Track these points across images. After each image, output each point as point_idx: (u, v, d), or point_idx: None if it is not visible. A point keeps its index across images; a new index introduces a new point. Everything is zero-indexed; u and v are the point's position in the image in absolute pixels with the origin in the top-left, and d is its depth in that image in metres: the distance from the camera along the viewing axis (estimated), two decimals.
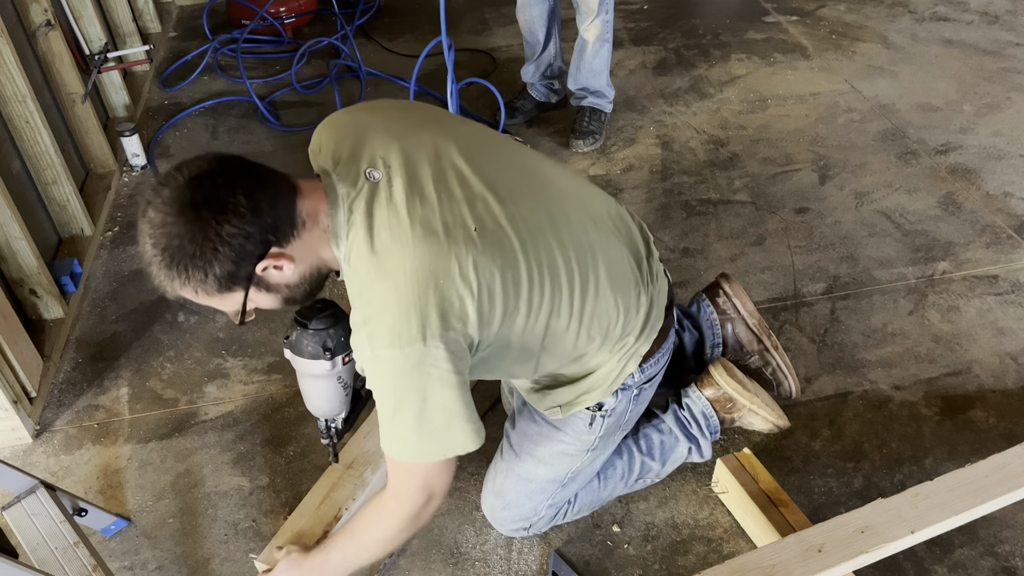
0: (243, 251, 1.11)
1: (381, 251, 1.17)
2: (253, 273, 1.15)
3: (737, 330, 1.87)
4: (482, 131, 1.42)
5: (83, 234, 2.49)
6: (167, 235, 1.08)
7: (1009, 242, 2.38)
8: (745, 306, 1.86)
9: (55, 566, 1.49)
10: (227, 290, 1.15)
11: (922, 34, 3.50)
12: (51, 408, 2.02)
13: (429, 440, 1.24)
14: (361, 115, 1.34)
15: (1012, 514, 1.68)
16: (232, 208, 1.08)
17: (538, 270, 1.27)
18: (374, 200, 1.20)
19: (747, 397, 1.73)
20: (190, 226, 1.07)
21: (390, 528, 1.35)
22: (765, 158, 2.78)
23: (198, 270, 1.10)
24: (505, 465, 1.61)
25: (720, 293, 1.87)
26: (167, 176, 1.11)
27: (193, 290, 1.13)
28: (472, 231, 1.20)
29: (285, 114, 3.14)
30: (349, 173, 1.22)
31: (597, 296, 1.35)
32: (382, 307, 1.16)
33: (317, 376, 1.44)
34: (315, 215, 1.19)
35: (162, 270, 1.11)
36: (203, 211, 1.07)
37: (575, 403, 1.48)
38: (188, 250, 1.08)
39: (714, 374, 1.74)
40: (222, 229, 1.08)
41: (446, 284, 1.16)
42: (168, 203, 1.08)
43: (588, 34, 2.69)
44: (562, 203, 1.36)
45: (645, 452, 1.70)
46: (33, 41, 2.48)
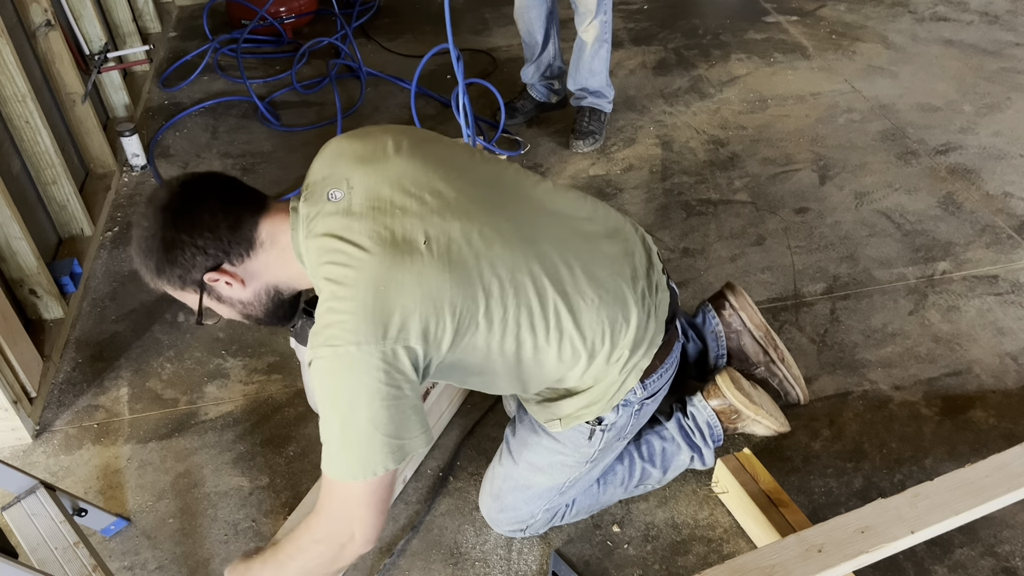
0: (194, 260, 1.26)
1: (337, 263, 1.22)
2: (203, 281, 1.29)
3: (743, 342, 1.85)
4: (459, 149, 1.42)
5: (83, 234, 2.49)
6: (144, 233, 1.27)
7: (1009, 242, 2.38)
8: (752, 319, 1.84)
9: (55, 566, 1.49)
10: (182, 288, 1.30)
11: (922, 34, 3.50)
12: (51, 408, 2.02)
13: (350, 455, 1.22)
14: (342, 144, 1.39)
15: (1012, 514, 1.68)
16: (195, 221, 1.25)
17: (499, 286, 1.25)
18: (331, 218, 1.25)
19: (752, 409, 1.71)
20: (160, 227, 1.25)
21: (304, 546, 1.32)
22: (765, 158, 2.78)
23: (160, 264, 1.27)
24: (503, 471, 1.61)
25: (726, 306, 1.85)
26: (168, 181, 1.30)
27: (163, 281, 1.30)
28: (421, 244, 1.21)
29: (285, 114, 3.14)
30: (314, 195, 1.30)
31: (577, 310, 1.32)
32: (325, 310, 1.21)
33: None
34: (274, 236, 1.29)
35: (140, 261, 1.30)
36: (176, 218, 1.25)
37: (575, 416, 1.47)
38: (153, 245, 1.26)
39: (721, 385, 1.72)
40: (178, 236, 1.25)
41: (390, 292, 1.18)
42: (150, 211, 1.27)
43: (587, 35, 2.69)
44: (536, 218, 1.35)
45: (647, 459, 1.70)
46: (33, 41, 2.48)
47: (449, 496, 1.77)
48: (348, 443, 1.22)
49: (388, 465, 1.23)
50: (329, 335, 1.19)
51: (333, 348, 1.18)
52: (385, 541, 1.70)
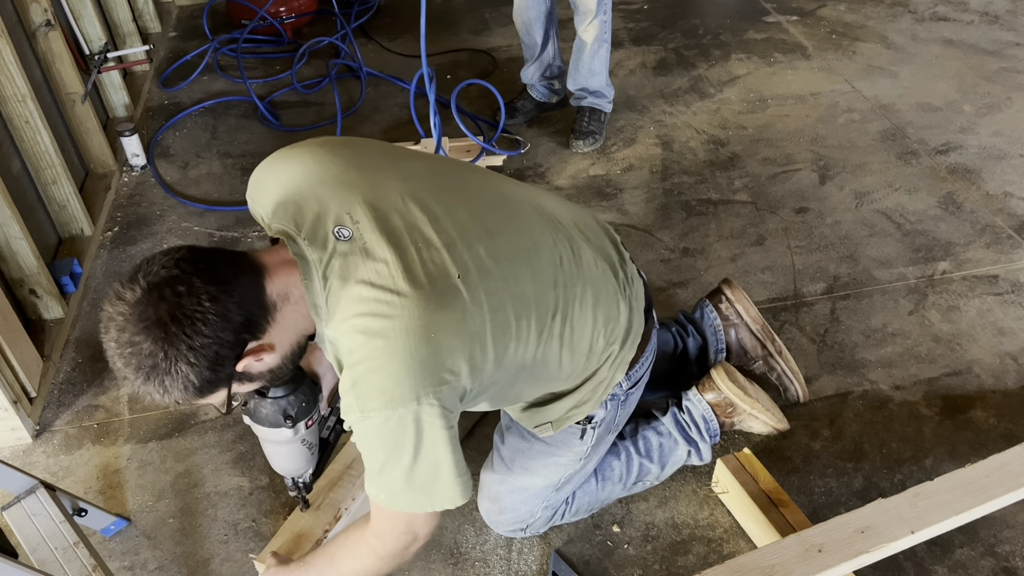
0: (219, 358, 1.07)
1: (369, 312, 1.13)
2: (233, 372, 1.11)
3: (740, 335, 1.87)
4: (443, 165, 1.39)
5: (83, 234, 2.49)
6: (138, 354, 1.04)
7: (1009, 242, 2.38)
8: (748, 311, 1.86)
9: (55, 566, 1.49)
10: (210, 393, 1.11)
11: (922, 34, 3.50)
12: (51, 408, 2.02)
13: (417, 494, 1.21)
14: (309, 164, 1.26)
15: (1012, 514, 1.68)
16: (201, 318, 1.03)
17: (523, 304, 1.24)
18: (348, 260, 1.15)
19: (748, 402, 1.72)
20: (160, 344, 1.03)
21: (369, 563, 1.33)
22: (765, 158, 2.78)
23: (176, 384, 1.06)
24: (498, 476, 1.61)
25: (722, 300, 1.87)
26: (125, 286, 1.05)
27: (175, 400, 1.09)
28: (456, 279, 1.16)
29: (285, 114, 3.14)
30: (317, 236, 1.16)
31: (577, 313, 1.33)
32: (373, 368, 1.12)
33: (279, 442, 1.39)
34: (286, 293, 1.14)
35: (139, 385, 1.07)
36: (171, 326, 1.02)
37: (566, 418, 1.47)
38: (162, 367, 1.04)
39: (716, 378, 1.73)
40: (194, 342, 1.03)
41: (439, 337, 1.13)
42: (131, 320, 1.03)
43: (586, 35, 2.69)
44: (536, 225, 1.33)
45: (643, 454, 1.70)
46: (33, 41, 2.48)
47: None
48: (415, 487, 1.20)
49: (457, 500, 1.22)
50: (384, 397, 1.12)
51: (392, 410, 1.12)
52: None
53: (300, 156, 1.28)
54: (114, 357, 1.06)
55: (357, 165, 1.28)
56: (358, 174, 1.25)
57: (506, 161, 2.79)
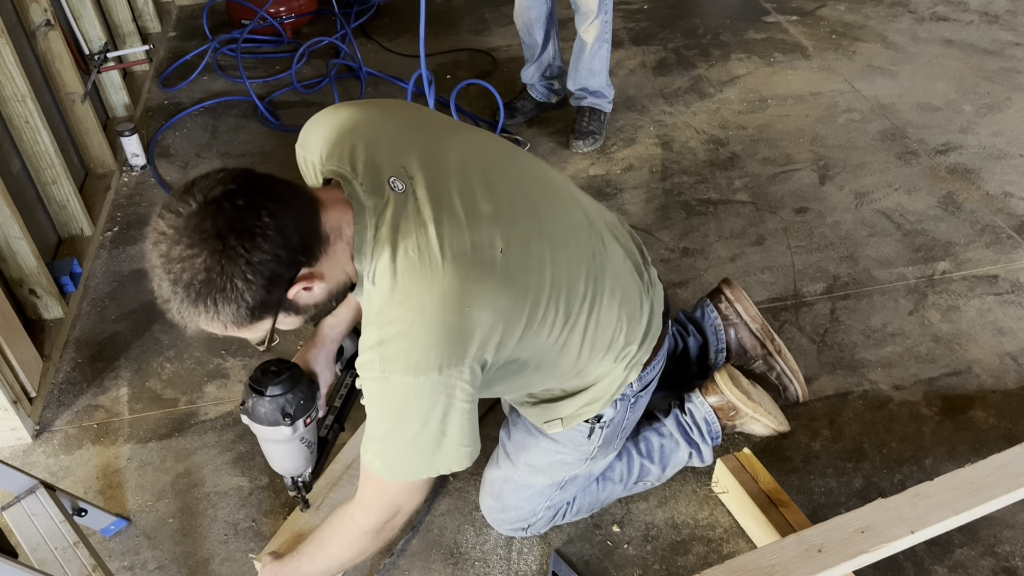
0: (275, 277, 1.02)
1: (408, 271, 1.11)
2: (284, 298, 1.07)
3: (740, 335, 1.87)
4: (494, 140, 1.39)
5: (83, 234, 2.49)
6: (191, 268, 0.98)
7: (1009, 242, 2.38)
8: (747, 311, 1.86)
9: (55, 566, 1.49)
10: (258, 319, 1.06)
11: (922, 34, 3.50)
12: (51, 408, 2.02)
13: (416, 460, 1.21)
14: (367, 113, 1.25)
15: (1012, 514, 1.68)
16: (260, 232, 0.99)
17: (556, 288, 1.24)
18: (400, 215, 1.13)
19: (751, 406, 1.72)
20: (216, 256, 0.97)
21: (353, 539, 1.33)
22: (765, 158, 2.78)
23: (229, 303, 1.00)
24: (502, 473, 1.61)
25: (722, 299, 1.87)
26: (178, 200, 1.00)
27: (222, 324, 1.03)
28: (498, 252, 1.16)
29: (285, 114, 3.14)
30: (372, 182, 1.14)
31: (603, 307, 1.33)
32: (402, 331, 1.11)
33: (279, 441, 1.39)
34: (339, 228, 1.11)
35: (186, 306, 1.01)
36: (229, 238, 0.97)
37: (576, 416, 1.47)
38: (217, 283, 0.98)
39: (719, 382, 1.73)
40: (252, 256, 0.98)
41: (472, 310, 1.12)
42: (186, 232, 0.97)
43: (587, 35, 2.69)
44: (575, 214, 1.34)
45: (645, 455, 1.70)
46: (33, 41, 2.48)
47: (449, 496, 1.77)
48: (417, 451, 1.19)
49: (453, 467, 1.22)
50: (409, 362, 1.10)
51: (413, 377, 1.11)
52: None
53: (362, 106, 1.28)
54: (161, 275, 0.99)
55: (417, 123, 1.27)
56: (417, 132, 1.24)
57: None
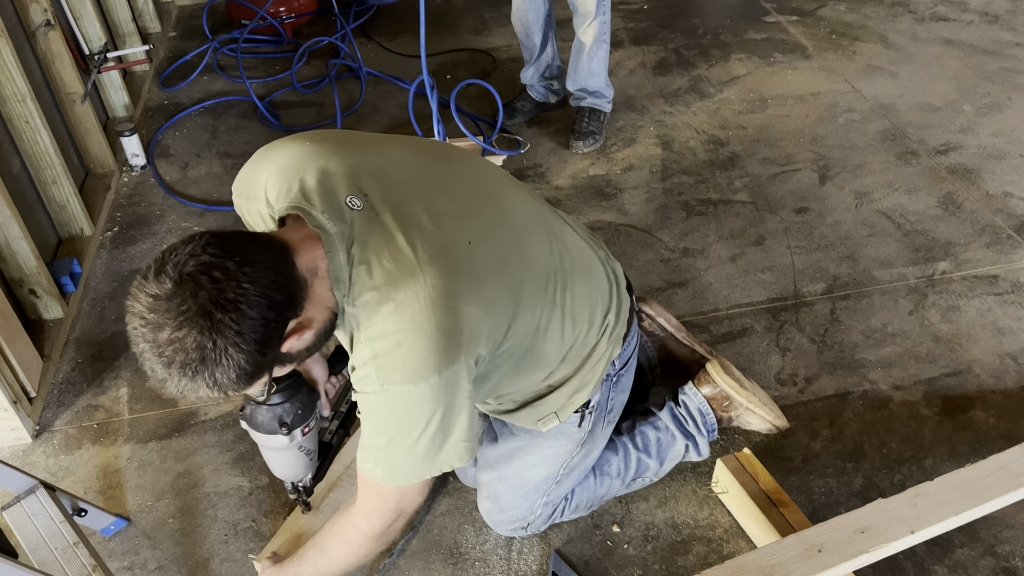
0: (267, 339, 1.03)
1: (389, 283, 1.12)
2: (279, 354, 1.08)
3: (670, 347, 1.87)
4: (430, 144, 1.42)
5: (83, 234, 2.49)
6: (182, 350, 0.98)
7: (1009, 242, 2.38)
8: (670, 322, 1.87)
9: (55, 566, 1.49)
10: (256, 379, 1.07)
11: (922, 34, 3.50)
12: (51, 408, 2.02)
13: (419, 465, 1.21)
14: (301, 147, 1.24)
15: (1012, 514, 1.68)
16: (244, 301, 0.99)
17: (527, 269, 1.27)
18: (366, 231, 1.14)
19: (744, 395, 1.74)
20: (207, 334, 0.97)
21: (357, 545, 1.34)
22: (765, 158, 2.78)
23: (226, 372, 1.00)
24: (497, 474, 1.61)
25: (643, 317, 1.87)
26: (152, 280, 0.99)
27: (223, 392, 1.04)
28: (467, 245, 1.18)
29: (285, 114, 3.14)
30: (330, 208, 1.14)
31: (575, 282, 1.36)
32: (397, 342, 1.12)
33: (277, 448, 1.39)
34: (313, 267, 1.11)
35: (184, 383, 1.01)
36: (215, 314, 0.97)
37: (568, 406, 1.48)
38: (211, 358, 0.98)
39: (711, 372, 1.75)
40: (241, 326, 0.99)
41: (460, 306, 1.14)
42: (168, 315, 0.97)
43: (586, 36, 2.69)
44: (525, 199, 1.38)
45: (641, 449, 1.71)
46: (33, 41, 2.48)
47: (449, 496, 1.77)
48: (419, 455, 1.19)
49: (455, 464, 1.22)
50: (408, 371, 1.11)
51: (415, 384, 1.12)
52: None
53: (292, 142, 1.25)
54: (152, 360, 1.00)
55: (353, 144, 1.28)
56: (357, 151, 1.25)
57: (506, 161, 2.79)
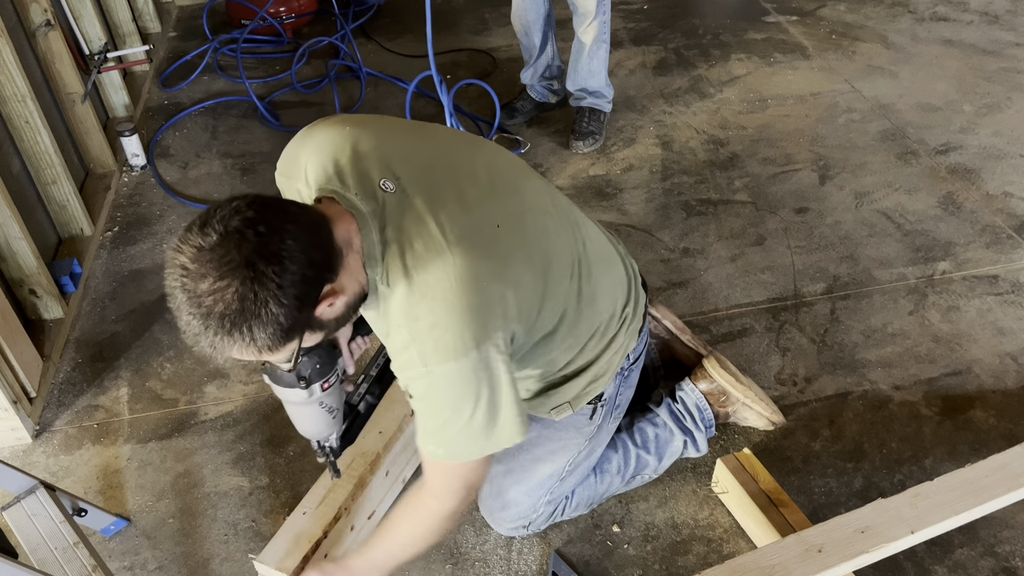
0: (305, 296, 1.04)
1: (420, 266, 1.15)
2: (312, 316, 1.08)
3: (674, 348, 1.88)
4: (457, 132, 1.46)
5: (83, 234, 2.49)
6: (223, 300, 0.98)
7: (1009, 242, 2.38)
8: (676, 324, 1.88)
9: (55, 566, 1.49)
10: (289, 340, 1.06)
11: (922, 34, 3.50)
12: (51, 408, 2.02)
13: (479, 439, 1.23)
14: (339, 130, 1.27)
15: (1012, 514, 1.68)
16: (287, 255, 1.00)
17: (552, 253, 1.30)
18: (398, 213, 1.17)
19: (740, 390, 1.75)
20: (249, 284, 0.98)
21: (431, 526, 1.35)
22: (765, 158, 2.78)
23: (264, 327, 1.00)
24: (503, 466, 1.61)
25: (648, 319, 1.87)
26: (197, 233, 1.00)
27: (257, 349, 1.03)
28: (496, 227, 1.22)
29: (285, 114, 3.14)
30: (364, 190, 1.17)
31: (598, 273, 1.39)
32: (432, 323, 1.14)
33: (297, 403, 1.38)
34: (348, 240, 1.14)
35: (220, 337, 1.00)
36: (258, 264, 0.98)
37: (583, 396, 1.49)
38: (251, 310, 0.99)
39: (708, 367, 1.76)
40: (283, 279, 0.99)
41: (489, 285, 1.17)
42: (212, 265, 0.98)
43: (585, 36, 2.69)
44: (547, 188, 1.41)
45: (640, 445, 1.71)
46: (33, 41, 2.48)
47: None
48: (476, 430, 1.21)
49: (515, 438, 1.25)
50: (447, 349, 1.14)
51: (455, 361, 1.15)
52: None
53: (333, 124, 1.30)
54: (191, 310, 1.00)
55: (387, 128, 1.32)
56: (390, 136, 1.29)
57: None
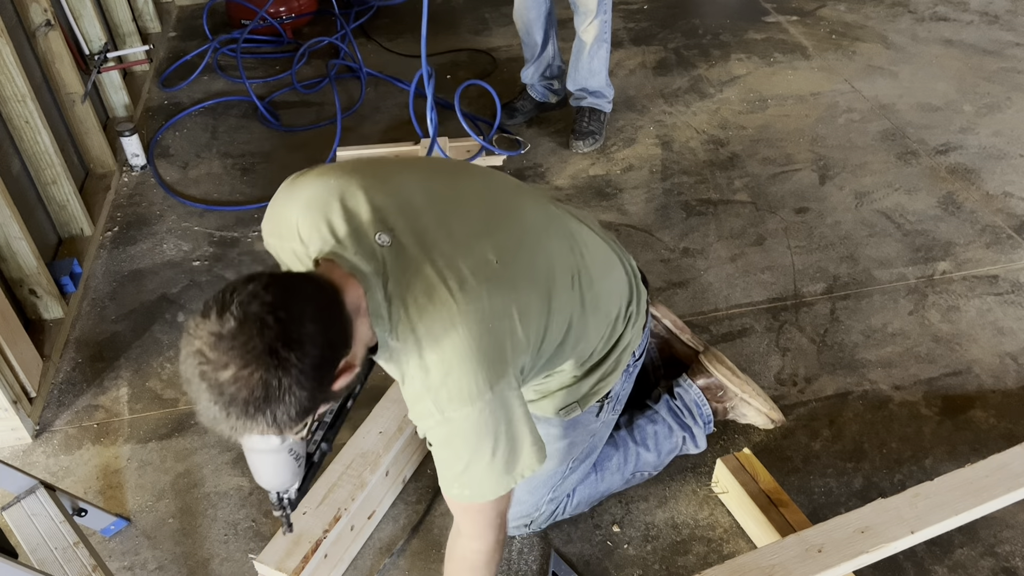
0: (325, 377, 1.04)
1: (425, 316, 1.15)
2: (330, 391, 1.08)
3: (674, 348, 1.88)
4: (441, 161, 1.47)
5: (83, 234, 2.49)
6: (247, 387, 0.97)
7: (1009, 242, 2.38)
8: (675, 323, 1.88)
9: (55, 566, 1.49)
10: (308, 416, 1.06)
11: (922, 34, 3.50)
12: (51, 408, 2.02)
13: (503, 477, 1.23)
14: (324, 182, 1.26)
15: (1012, 514, 1.68)
16: (309, 339, 1.00)
17: (552, 271, 1.30)
18: (397, 267, 1.17)
19: (737, 384, 1.75)
20: (273, 371, 0.97)
21: (484, 563, 1.34)
22: (765, 158, 2.78)
23: (286, 410, 1.00)
24: None
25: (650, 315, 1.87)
26: (215, 319, 0.98)
27: (279, 429, 1.03)
28: (495, 264, 1.21)
29: (285, 114, 3.14)
30: (362, 247, 1.17)
31: (600, 277, 1.40)
32: (445, 371, 1.15)
33: (266, 451, 1.34)
34: (357, 306, 1.13)
35: (242, 422, 1.00)
36: (280, 352, 0.97)
37: (592, 394, 1.50)
38: (275, 395, 0.98)
39: (705, 363, 1.77)
40: (304, 364, 0.99)
41: (496, 324, 1.18)
42: (234, 353, 0.97)
43: (586, 35, 2.69)
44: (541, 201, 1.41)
45: (639, 442, 1.72)
46: (33, 41, 2.48)
47: None
48: (499, 468, 1.22)
49: (535, 467, 1.25)
50: (463, 395, 1.15)
51: (472, 406, 1.15)
52: (385, 541, 1.70)
53: (315, 178, 1.27)
54: (212, 397, 0.98)
55: (374, 173, 1.30)
56: (377, 182, 1.27)
57: (506, 161, 2.79)
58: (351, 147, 2.81)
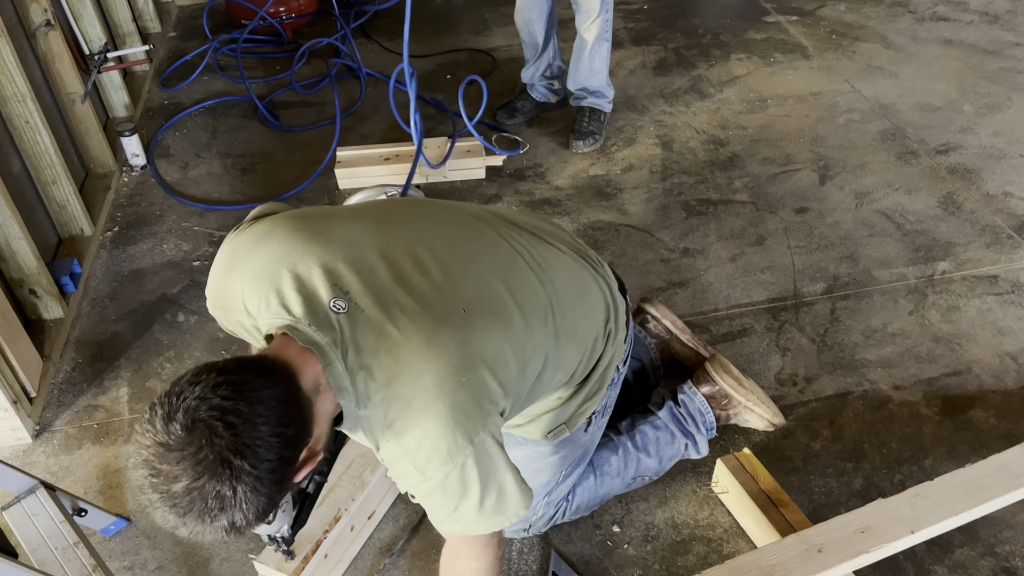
0: (284, 477, 1.01)
1: (392, 379, 1.11)
2: (292, 484, 1.05)
3: (674, 349, 1.88)
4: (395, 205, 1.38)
5: (83, 234, 2.49)
6: (200, 498, 0.94)
7: (1009, 242, 2.38)
8: (676, 324, 1.88)
9: (55, 566, 1.49)
10: (269, 515, 1.03)
11: (922, 34, 3.50)
12: (51, 408, 2.02)
13: (492, 517, 1.22)
14: (272, 249, 1.20)
15: (1012, 514, 1.68)
16: (263, 444, 0.96)
17: (527, 312, 1.25)
18: (357, 334, 1.11)
19: (743, 394, 1.74)
20: (227, 482, 0.94)
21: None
22: (765, 158, 2.78)
23: (244, 516, 0.97)
24: None
25: (649, 319, 1.87)
26: (161, 428, 0.94)
27: (238, 532, 1.00)
28: (462, 312, 1.17)
29: (285, 114, 3.14)
30: (316, 317, 1.11)
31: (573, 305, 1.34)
32: (421, 434, 1.11)
33: None
34: (315, 384, 1.08)
35: (201, 528, 0.97)
36: (234, 461, 0.93)
37: (579, 415, 1.48)
38: (230, 503, 0.95)
39: (710, 370, 1.76)
40: (259, 470, 0.95)
41: (469, 376, 1.13)
42: (183, 465, 0.93)
43: (588, 34, 2.69)
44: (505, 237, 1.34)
45: (641, 448, 1.71)
46: (33, 41, 2.48)
47: None
48: (488, 510, 1.20)
49: (522, 510, 1.23)
50: (440, 454, 1.12)
51: (452, 462, 1.12)
52: (385, 541, 1.70)
53: (257, 244, 1.22)
54: (166, 510, 0.95)
55: (318, 231, 1.22)
56: (324, 240, 1.20)
57: (506, 161, 2.79)
58: (351, 147, 2.81)
